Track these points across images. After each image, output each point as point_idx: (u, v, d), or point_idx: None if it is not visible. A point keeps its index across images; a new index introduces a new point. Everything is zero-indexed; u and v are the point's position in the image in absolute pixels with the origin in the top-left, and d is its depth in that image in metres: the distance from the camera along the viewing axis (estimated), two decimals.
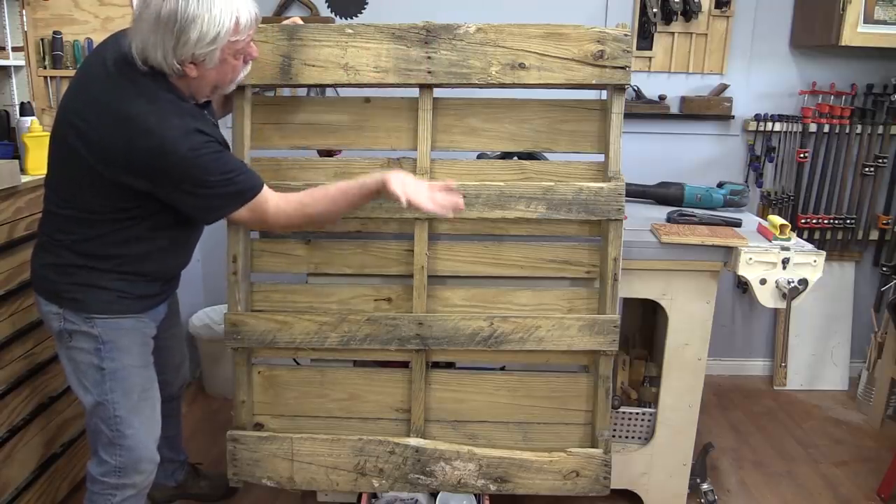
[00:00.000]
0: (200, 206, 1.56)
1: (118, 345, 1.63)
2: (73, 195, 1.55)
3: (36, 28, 2.42)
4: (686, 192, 2.34)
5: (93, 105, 1.48)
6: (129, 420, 1.66)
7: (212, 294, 3.07)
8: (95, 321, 1.61)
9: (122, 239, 1.58)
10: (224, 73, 1.54)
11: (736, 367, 3.27)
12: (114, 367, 1.63)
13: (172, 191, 1.52)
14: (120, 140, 1.45)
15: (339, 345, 1.89)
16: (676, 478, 2.18)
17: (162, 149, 1.44)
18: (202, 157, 1.48)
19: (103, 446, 1.68)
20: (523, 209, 1.82)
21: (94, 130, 1.47)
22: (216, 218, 1.61)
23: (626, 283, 1.93)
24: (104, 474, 1.68)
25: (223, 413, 2.80)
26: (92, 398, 1.64)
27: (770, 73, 2.95)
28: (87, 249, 1.57)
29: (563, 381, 1.94)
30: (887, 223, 3.01)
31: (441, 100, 1.85)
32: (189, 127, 1.47)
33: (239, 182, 1.56)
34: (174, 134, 1.45)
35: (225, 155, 1.55)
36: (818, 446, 2.70)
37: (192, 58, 1.44)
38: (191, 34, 1.41)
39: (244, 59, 1.57)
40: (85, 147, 1.48)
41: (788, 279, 1.94)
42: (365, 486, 1.95)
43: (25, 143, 2.07)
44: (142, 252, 1.61)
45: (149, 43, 1.43)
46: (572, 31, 1.76)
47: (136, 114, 1.44)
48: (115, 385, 1.64)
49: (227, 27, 1.43)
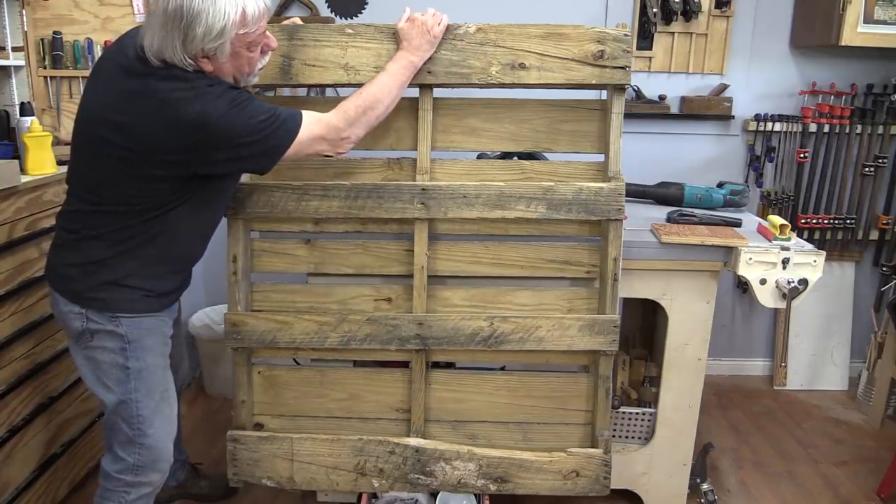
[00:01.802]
0: (257, 152, 1.56)
1: (143, 344, 1.64)
2: (104, 190, 1.55)
3: (36, 28, 2.42)
4: (686, 192, 2.34)
5: (129, 96, 1.48)
6: (151, 419, 1.67)
7: (212, 294, 3.07)
8: (121, 320, 1.61)
9: (153, 229, 1.58)
10: (240, 65, 1.55)
11: (736, 367, 3.27)
12: (139, 366, 1.64)
13: (226, 156, 1.52)
14: (163, 121, 1.46)
15: (339, 345, 1.89)
16: (676, 478, 2.18)
17: (205, 116, 1.45)
18: (244, 105, 1.50)
19: (120, 444, 1.68)
20: (523, 209, 1.82)
21: (136, 119, 1.47)
22: (276, 158, 1.60)
23: (626, 283, 1.93)
24: (120, 471, 1.69)
25: (223, 413, 2.80)
26: (115, 397, 1.64)
27: (770, 73, 2.95)
28: (118, 241, 1.57)
29: (563, 381, 1.94)
30: (887, 223, 3.01)
31: (441, 100, 1.85)
32: (222, 88, 1.50)
33: (282, 114, 1.57)
34: (211, 98, 1.47)
35: (260, 102, 1.57)
36: (818, 446, 2.70)
37: (203, 52, 1.45)
38: (197, 29, 1.41)
39: (261, 51, 1.58)
40: (123, 138, 1.48)
41: (788, 279, 1.94)
42: (365, 486, 1.95)
43: (25, 143, 2.07)
44: (169, 239, 1.62)
45: (159, 40, 1.44)
46: (572, 31, 1.76)
47: (173, 93, 1.46)
48: (139, 384, 1.64)
49: (232, 19, 1.44)
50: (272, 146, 1.58)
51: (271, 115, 1.55)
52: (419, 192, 1.81)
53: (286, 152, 1.59)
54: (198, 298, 3.04)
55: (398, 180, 1.86)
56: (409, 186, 1.82)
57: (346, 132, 1.66)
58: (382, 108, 1.70)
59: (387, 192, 1.82)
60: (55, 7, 2.46)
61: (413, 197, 1.82)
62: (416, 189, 1.81)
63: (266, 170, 1.63)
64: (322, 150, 1.67)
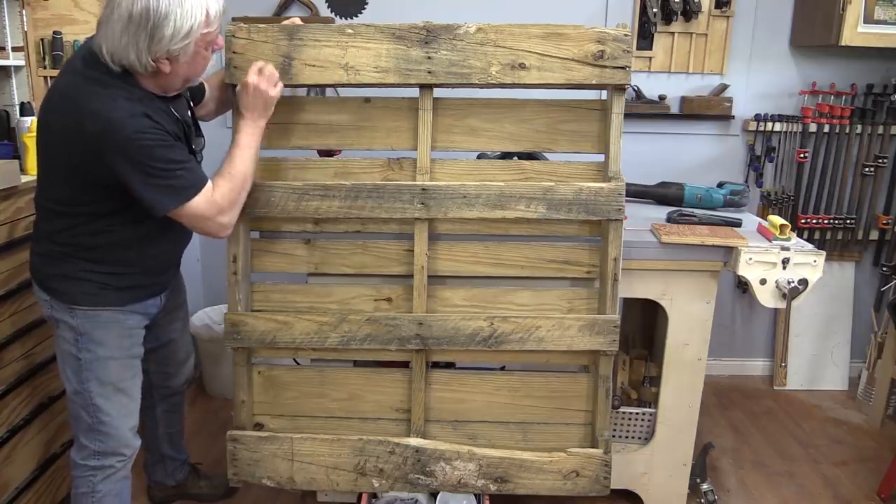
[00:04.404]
0: (146, 195, 1.52)
1: (93, 336, 1.67)
2: (50, 188, 1.60)
3: (36, 28, 2.42)
4: (686, 192, 2.34)
5: (58, 98, 1.52)
6: (107, 409, 1.71)
7: (212, 294, 3.08)
8: (76, 312, 1.65)
9: (95, 230, 1.61)
10: (195, 66, 1.56)
11: (736, 367, 3.27)
12: (89, 357, 1.67)
13: (125, 174, 1.50)
14: (73, 123, 1.47)
15: (340, 345, 1.89)
16: (676, 478, 2.18)
17: (108, 128, 1.45)
18: (146, 140, 1.48)
19: (82, 432, 1.73)
20: (523, 209, 1.82)
21: (56, 119, 1.51)
22: (160, 211, 1.55)
23: (626, 283, 1.93)
24: (85, 458, 1.74)
25: (223, 413, 2.80)
26: (71, 386, 1.70)
27: (770, 73, 2.95)
28: (63, 240, 1.62)
29: (563, 381, 1.94)
30: (887, 223, 3.01)
31: (441, 100, 1.85)
32: (136, 110, 1.48)
33: (180, 177, 1.54)
34: (120, 115, 1.46)
35: (171, 146, 1.54)
36: (818, 446, 2.70)
37: (167, 53, 1.46)
38: (165, 31, 1.42)
39: (212, 49, 1.58)
40: (50, 136, 1.53)
41: (788, 279, 1.94)
42: (365, 486, 1.95)
43: (25, 143, 2.07)
44: (115, 242, 1.63)
45: (120, 45, 1.44)
46: (572, 31, 1.76)
47: (87, 98, 1.47)
48: (89, 375, 1.68)
49: (199, 20, 1.46)
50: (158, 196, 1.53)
51: (168, 167, 1.51)
52: (419, 192, 1.81)
53: (177, 210, 1.56)
54: (198, 298, 3.04)
55: (398, 180, 1.86)
56: (409, 186, 1.82)
57: (227, 215, 1.64)
58: (250, 182, 1.70)
59: (387, 192, 1.82)
60: (55, 7, 2.45)
61: (413, 197, 1.82)
62: (416, 189, 1.81)
63: (156, 215, 1.57)
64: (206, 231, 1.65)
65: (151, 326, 1.84)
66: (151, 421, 2.11)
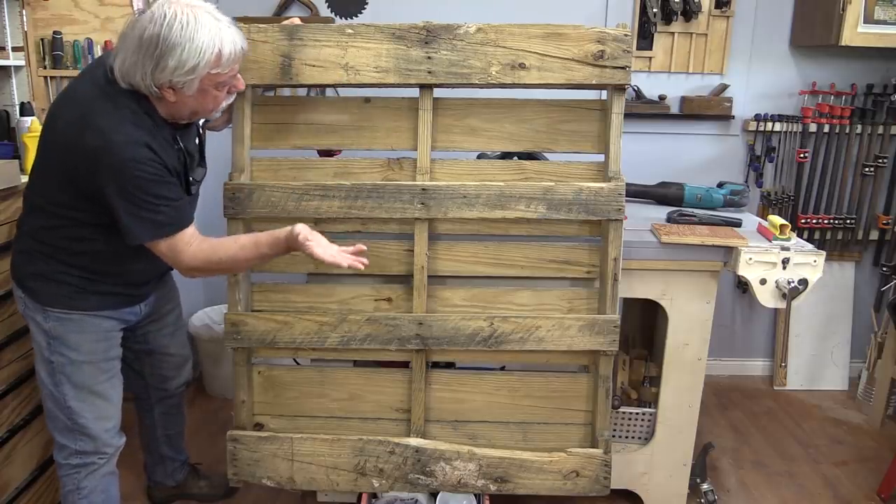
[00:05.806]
0: (125, 221, 1.51)
1: (66, 340, 1.66)
2: (42, 185, 1.60)
3: (36, 28, 2.42)
4: (686, 192, 2.34)
5: (71, 102, 1.52)
6: (81, 412, 1.71)
7: (212, 294, 3.07)
8: (49, 314, 1.65)
9: (78, 235, 1.60)
10: (204, 102, 1.54)
11: (736, 367, 3.27)
12: (61, 361, 1.67)
13: (111, 196, 1.49)
14: (76, 131, 1.47)
15: (340, 345, 1.89)
16: (676, 478, 2.18)
17: (107, 148, 1.44)
18: (140, 171, 1.46)
19: (60, 431, 1.73)
20: (523, 209, 1.82)
21: (62, 122, 1.51)
22: (134, 240, 1.53)
23: (626, 283, 1.93)
24: (66, 457, 1.74)
25: (223, 413, 2.80)
26: (46, 388, 1.70)
27: (770, 73, 2.95)
28: (45, 238, 1.62)
29: (563, 381, 1.94)
30: (887, 223, 3.01)
31: (441, 100, 1.85)
32: (139, 139, 1.47)
33: (164, 213, 1.51)
34: (122, 139, 1.45)
35: (164, 182, 1.52)
36: (818, 446, 2.70)
37: (170, 83, 1.45)
38: (169, 61, 1.42)
39: (228, 91, 1.57)
40: (53, 135, 1.53)
41: (788, 279, 1.94)
42: (365, 486, 1.95)
43: (25, 143, 2.07)
44: (97, 251, 1.62)
45: (129, 63, 1.44)
46: (572, 31, 1.76)
47: (96, 113, 1.47)
48: (62, 378, 1.68)
49: (206, 59, 1.44)
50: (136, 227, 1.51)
51: (154, 201, 1.49)
52: (419, 192, 1.81)
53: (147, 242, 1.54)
54: (198, 298, 3.04)
55: (398, 180, 1.86)
56: (409, 186, 1.82)
57: (194, 269, 1.60)
58: (229, 270, 1.71)
59: (387, 192, 1.82)
60: (55, 7, 2.45)
61: (413, 197, 1.82)
62: (416, 189, 1.81)
63: (129, 243, 1.55)
64: (172, 265, 1.62)
65: (140, 333, 1.85)
66: (150, 423, 2.11)
